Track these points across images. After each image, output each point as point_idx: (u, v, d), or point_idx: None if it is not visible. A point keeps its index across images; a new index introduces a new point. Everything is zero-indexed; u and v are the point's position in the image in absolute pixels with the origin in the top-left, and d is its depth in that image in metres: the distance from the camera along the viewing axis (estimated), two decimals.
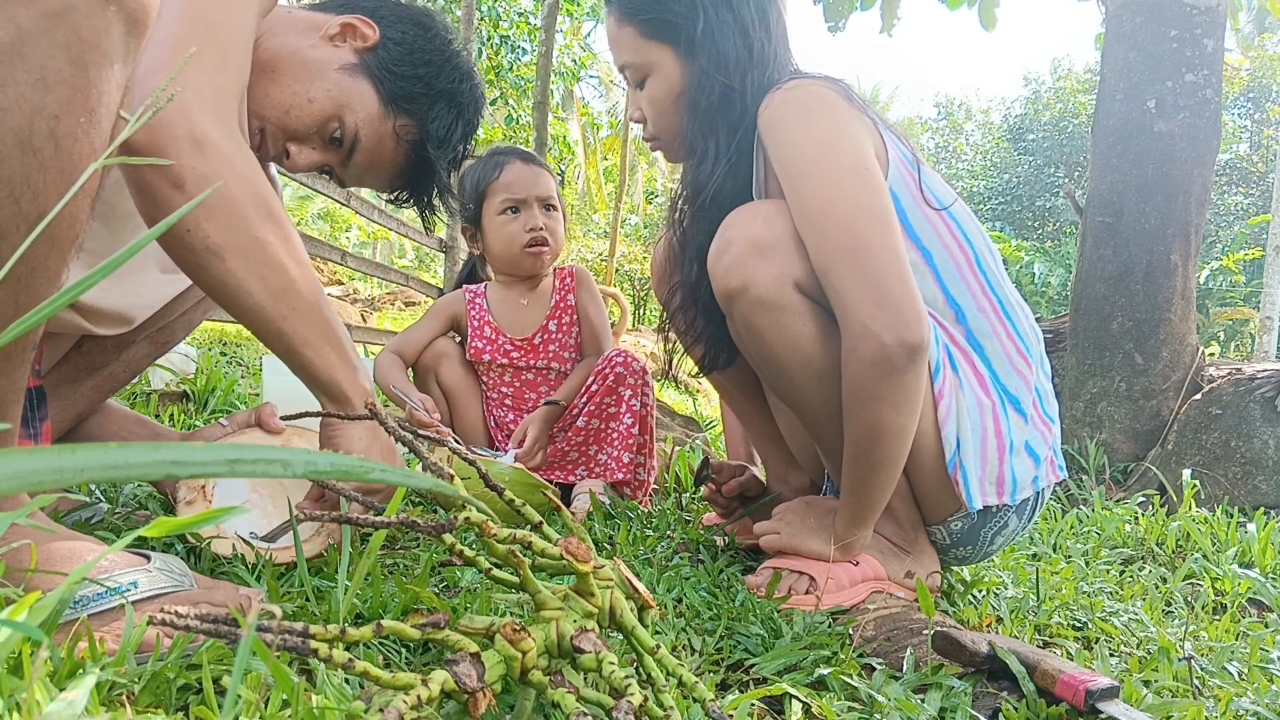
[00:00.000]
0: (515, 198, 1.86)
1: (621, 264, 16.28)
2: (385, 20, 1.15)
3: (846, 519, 1.17)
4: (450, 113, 1.20)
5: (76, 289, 0.37)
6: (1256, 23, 6.48)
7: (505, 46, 10.50)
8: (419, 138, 1.18)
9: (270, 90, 1.07)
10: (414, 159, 1.20)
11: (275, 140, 1.10)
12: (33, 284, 0.65)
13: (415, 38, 1.16)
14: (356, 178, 1.20)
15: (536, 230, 1.85)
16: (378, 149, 1.15)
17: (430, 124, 1.18)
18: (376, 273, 5.32)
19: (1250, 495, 2.64)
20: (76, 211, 0.66)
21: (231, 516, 0.49)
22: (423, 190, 1.27)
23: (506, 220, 1.87)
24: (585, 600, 0.68)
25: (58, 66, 0.60)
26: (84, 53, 0.61)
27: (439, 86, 1.18)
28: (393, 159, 1.19)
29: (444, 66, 1.18)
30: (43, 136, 0.60)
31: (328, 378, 0.92)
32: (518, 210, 1.87)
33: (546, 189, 1.88)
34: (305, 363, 0.91)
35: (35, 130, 0.60)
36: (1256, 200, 17.14)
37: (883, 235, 1.06)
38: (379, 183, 1.24)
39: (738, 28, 1.21)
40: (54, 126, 0.60)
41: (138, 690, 0.62)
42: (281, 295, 0.87)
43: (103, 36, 0.61)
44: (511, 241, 1.87)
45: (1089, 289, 3.11)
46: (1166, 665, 1.03)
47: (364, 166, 1.17)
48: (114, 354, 1.18)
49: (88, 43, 0.61)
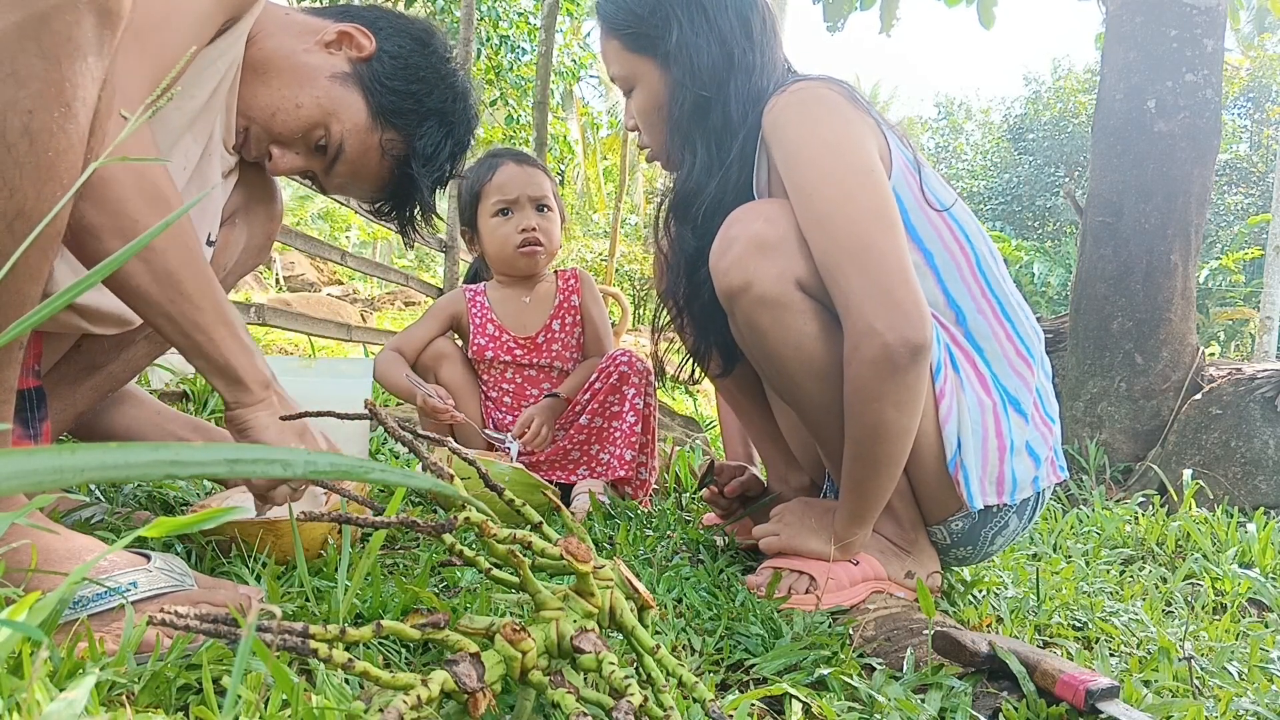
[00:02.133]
0: (507, 199, 1.86)
1: (621, 264, 16.28)
2: (384, 32, 1.14)
3: (847, 518, 1.17)
4: (440, 131, 1.19)
5: (72, 292, 0.37)
6: (1256, 23, 6.48)
7: (505, 46, 10.49)
8: (405, 153, 1.17)
9: (259, 91, 1.06)
10: (398, 174, 1.19)
11: (259, 141, 1.10)
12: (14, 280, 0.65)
13: (411, 52, 1.15)
14: (338, 187, 1.19)
15: (529, 230, 1.85)
16: (362, 160, 1.15)
17: (418, 140, 1.17)
18: (376, 273, 5.32)
19: (1250, 495, 2.64)
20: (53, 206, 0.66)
21: (231, 516, 0.49)
22: (404, 205, 1.25)
23: (500, 222, 1.87)
24: (585, 600, 0.68)
25: (29, 61, 0.59)
26: (55, 46, 0.60)
27: (430, 104, 1.17)
28: (376, 172, 1.18)
29: (438, 84, 1.17)
30: (16, 132, 0.60)
31: (223, 362, 0.90)
32: (510, 211, 1.87)
33: (539, 189, 1.88)
34: (198, 346, 0.89)
35: (9, 126, 0.59)
36: (1256, 200, 17.13)
37: (887, 236, 1.06)
38: (360, 194, 1.23)
39: (715, 38, 1.21)
40: (28, 122, 0.60)
41: (138, 690, 0.62)
42: (166, 278, 0.84)
43: (74, 29, 0.61)
44: (505, 242, 1.87)
45: (1089, 289, 3.11)
46: (1166, 665, 1.03)
47: (346, 176, 1.16)
48: (113, 353, 1.18)
49: (59, 35, 0.60)
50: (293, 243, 3.89)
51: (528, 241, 1.86)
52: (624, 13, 1.25)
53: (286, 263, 11.90)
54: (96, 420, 1.23)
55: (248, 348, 0.92)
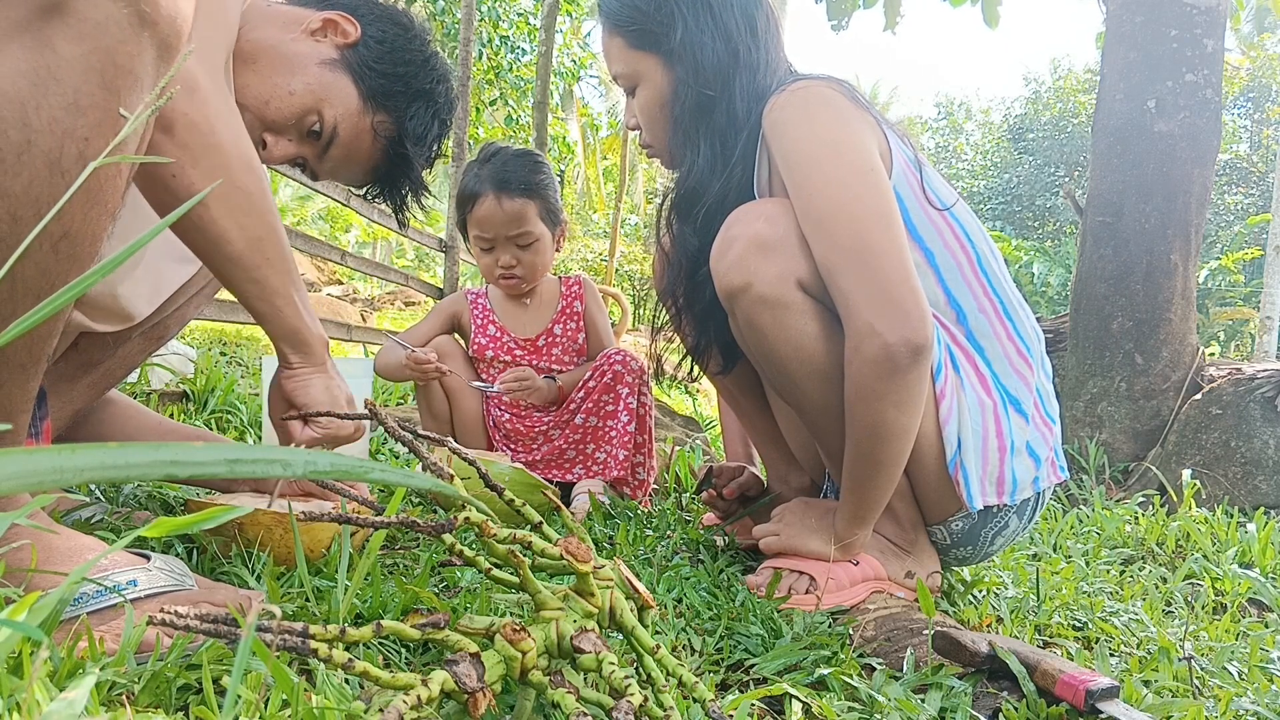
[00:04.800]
0: (485, 236, 1.83)
1: (621, 264, 16.29)
2: (365, 18, 1.17)
3: (847, 518, 1.17)
4: (427, 112, 1.22)
5: (78, 287, 0.37)
6: (1256, 23, 6.48)
7: (505, 46, 10.49)
8: (396, 135, 1.20)
9: (250, 81, 1.08)
10: (390, 155, 1.22)
11: (252, 130, 1.11)
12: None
13: (395, 37, 1.18)
14: (330, 171, 1.21)
15: (508, 267, 1.85)
16: (355, 144, 1.17)
17: (408, 121, 1.20)
18: (376, 272, 5.32)
19: (1250, 495, 2.64)
20: (96, 228, 0.67)
21: (231, 516, 0.49)
22: (397, 186, 1.28)
23: (481, 254, 1.87)
24: (585, 600, 0.68)
25: (90, 90, 0.60)
26: (117, 77, 0.61)
27: (417, 86, 1.19)
28: (369, 154, 1.20)
29: (423, 67, 1.20)
30: (72, 159, 0.61)
31: (294, 325, 0.95)
32: (491, 248, 1.85)
33: (518, 228, 1.79)
34: (276, 311, 0.93)
35: (65, 153, 0.60)
36: (1256, 200, 17.13)
37: (888, 236, 1.06)
38: (353, 178, 1.26)
39: (720, 35, 1.21)
40: (84, 149, 0.61)
41: (138, 690, 0.62)
42: (258, 245, 0.88)
43: (136, 61, 0.62)
44: (487, 271, 1.89)
45: (1089, 289, 3.11)
46: (1166, 665, 1.03)
47: (339, 160, 1.18)
48: (110, 350, 1.18)
49: (121, 68, 0.61)
50: (292, 242, 3.89)
51: (505, 277, 1.86)
52: (628, 9, 1.24)
53: None
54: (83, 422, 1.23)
55: (313, 314, 0.98)
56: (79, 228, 0.64)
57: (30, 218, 0.60)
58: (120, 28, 0.60)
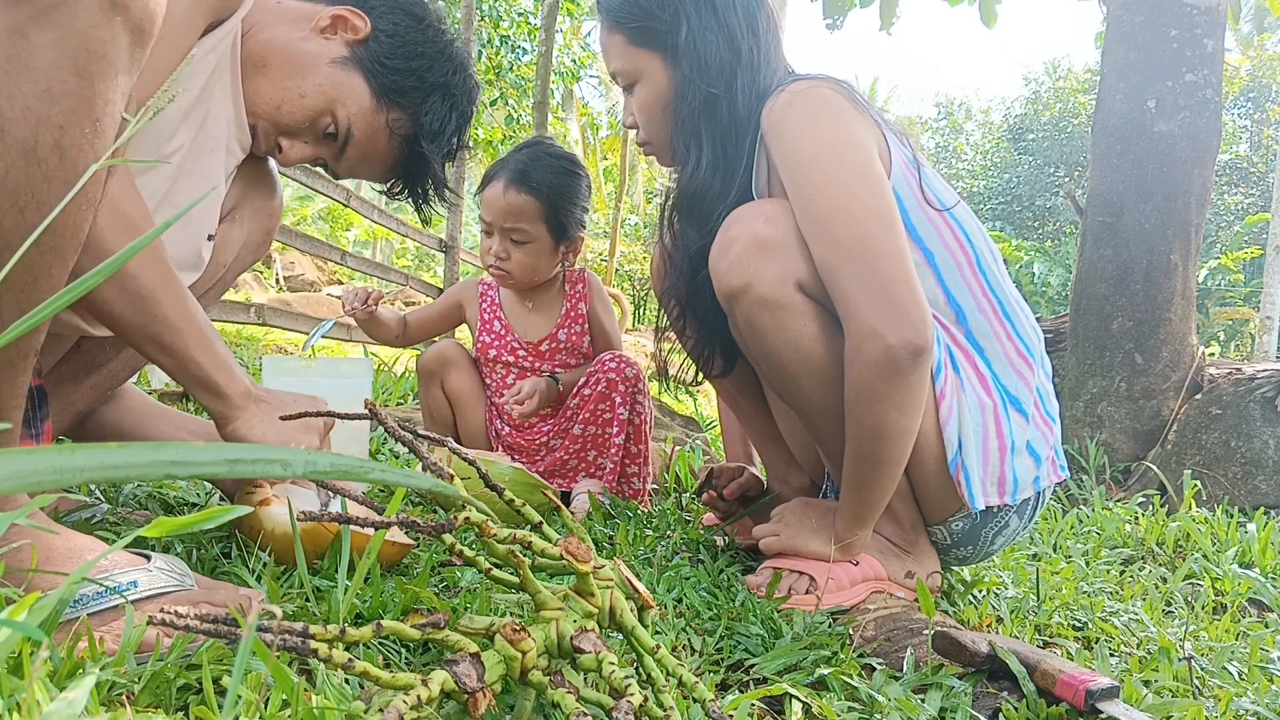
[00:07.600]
0: (485, 219, 1.84)
1: (621, 264, 16.28)
2: (376, 11, 1.14)
3: (847, 519, 1.17)
4: (444, 105, 1.18)
5: (75, 290, 0.37)
6: (1256, 23, 6.48)
7: (505, 46, 10.48)
8: (412, 131, 1.17)
9: (261, 85, 1.06)
10: (408, 152, 1.20)
11: (267, 135, 1.10)
12: (36, 292, 0.65)
13: (408, 29, 1.15)
14: (350, 170, 1.20)
15: (498, 258, 1.84)
16: (371, 143, 1.15)
17: (424, 117, 1.17)
18: (376, 273, 5.32)
19: (1250, 495, 2.64)
20: (79, 220, 0.66)
21: (231, 515, 0.49)
22: (417, 183, 1.26)
23: (482, 235, 1.87)
24: (585, 600, 0.68)
25: (64, 78, 0.60)
26: (90, 64, 0.61)
27: (432, 79, 1.16)
28: (386, 152, 1.18)
29: (437, 58, 1.17)
30: (48, 147, 0.60)
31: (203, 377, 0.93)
32: (490, 232, 1.85)
33: (515, 221, 1.80)
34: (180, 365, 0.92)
35: (40, 141, 0.60)
36: (1256, 200, 17.12)
37: (888, 237, 1.06)
38: (373, 175, 1.24)
39: (723, 34, 1.21)
40: (59, 137, 0.60)
41: (138, 690, 0.62)
42: (141, 302, 0.87)
43: (109, 48, 0.61)
44: (484, 255, 1.88)
45: (1089, 289, 3.11)
46: (1166, 665, 1.03)
47: (357, 160, 1.17)
48: (113, 352, 1.18)
49: (94, 54, 0.61)
50: (293, 242, 3.89)
51: (495, 266, 1.86)
52: (630, 6, 1.24)
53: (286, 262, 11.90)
54: (91, 419, 1.23)
55: (226, 363, 0.95)
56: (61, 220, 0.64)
57: (8, 208, 0.60)
58: (92, 13, 0.60)
